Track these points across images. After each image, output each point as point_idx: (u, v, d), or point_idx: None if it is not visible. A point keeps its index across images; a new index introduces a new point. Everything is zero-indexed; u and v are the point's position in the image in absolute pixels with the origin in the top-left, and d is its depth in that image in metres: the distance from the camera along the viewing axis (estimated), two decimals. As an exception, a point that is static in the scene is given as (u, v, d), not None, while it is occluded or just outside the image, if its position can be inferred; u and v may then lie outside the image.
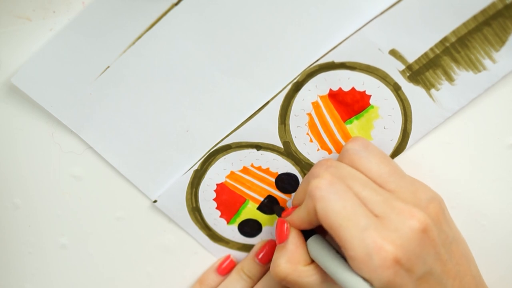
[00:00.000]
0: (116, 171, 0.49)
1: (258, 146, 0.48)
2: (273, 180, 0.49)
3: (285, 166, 0.48)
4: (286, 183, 0.49)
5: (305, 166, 0.48)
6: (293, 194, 0.49)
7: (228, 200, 0.49)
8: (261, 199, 0.49)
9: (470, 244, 0.45)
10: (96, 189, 0.49)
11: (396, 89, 0.45)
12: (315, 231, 0.44)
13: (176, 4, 0.43)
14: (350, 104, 0.46)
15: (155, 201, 0.49)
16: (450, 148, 0.47)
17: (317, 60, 0.44)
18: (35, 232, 0.50)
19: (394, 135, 0.46)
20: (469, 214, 0.48)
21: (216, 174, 0.49)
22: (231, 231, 0.50)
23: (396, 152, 0.47)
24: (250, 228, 0.50)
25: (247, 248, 0.51)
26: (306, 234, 0.45)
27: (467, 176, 0.47)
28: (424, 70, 0.44)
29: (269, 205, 0.50)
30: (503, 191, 0.47)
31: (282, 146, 0.47)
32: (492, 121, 0.46)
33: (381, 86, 0.45)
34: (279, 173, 0.48)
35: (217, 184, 0.49)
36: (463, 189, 0.47)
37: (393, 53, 0.44)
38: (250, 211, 0.50)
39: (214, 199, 0.49)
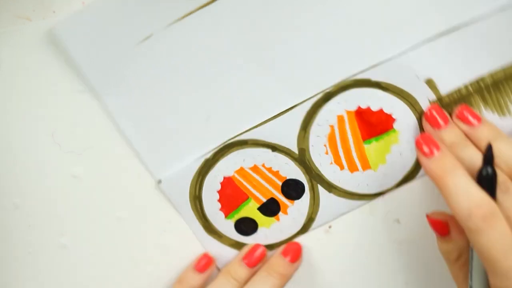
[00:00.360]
0: (116, 171, 0.48)
1: (274, 148, 0.48)
2: (280, 183, 0.49)
3: (295, 172, 0.48)
4: (292, 189, 0.49)
5: (314, 176, 0.48)
6: (301, 200, 0.49)
7: (231, 195, 0.49)
8: (264, 200, 0.49)
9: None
10: (96, 189, 0.49)
11: (421, 118, 0.46)
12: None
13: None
14: (374, 125, 0.47)
15: (159, 182, 0.48)
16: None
17: (354, 75, 0.45)
18: (35, 232, 0.50)
19: (408, 164, 0.47)
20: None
21: (226, 167, 0.48)
22: (226, 226, 0.50)
23: (405, 180, 0.48)
24: (246, 226, 0.50)
25: (238, 246, 0.51)
26: None
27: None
28: (453, 105, 0.45)
29: (270, 207, 0.50)
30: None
31: (297, 152, 0.48)
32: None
33: (408, 112, 0.46)
34: (287, 178, 0.49)
35: (224, 177, 0.49)
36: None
37: (429, 82, 0.45)
38: (250, 209, 0.50)
39: (218, 191, 0.49)
